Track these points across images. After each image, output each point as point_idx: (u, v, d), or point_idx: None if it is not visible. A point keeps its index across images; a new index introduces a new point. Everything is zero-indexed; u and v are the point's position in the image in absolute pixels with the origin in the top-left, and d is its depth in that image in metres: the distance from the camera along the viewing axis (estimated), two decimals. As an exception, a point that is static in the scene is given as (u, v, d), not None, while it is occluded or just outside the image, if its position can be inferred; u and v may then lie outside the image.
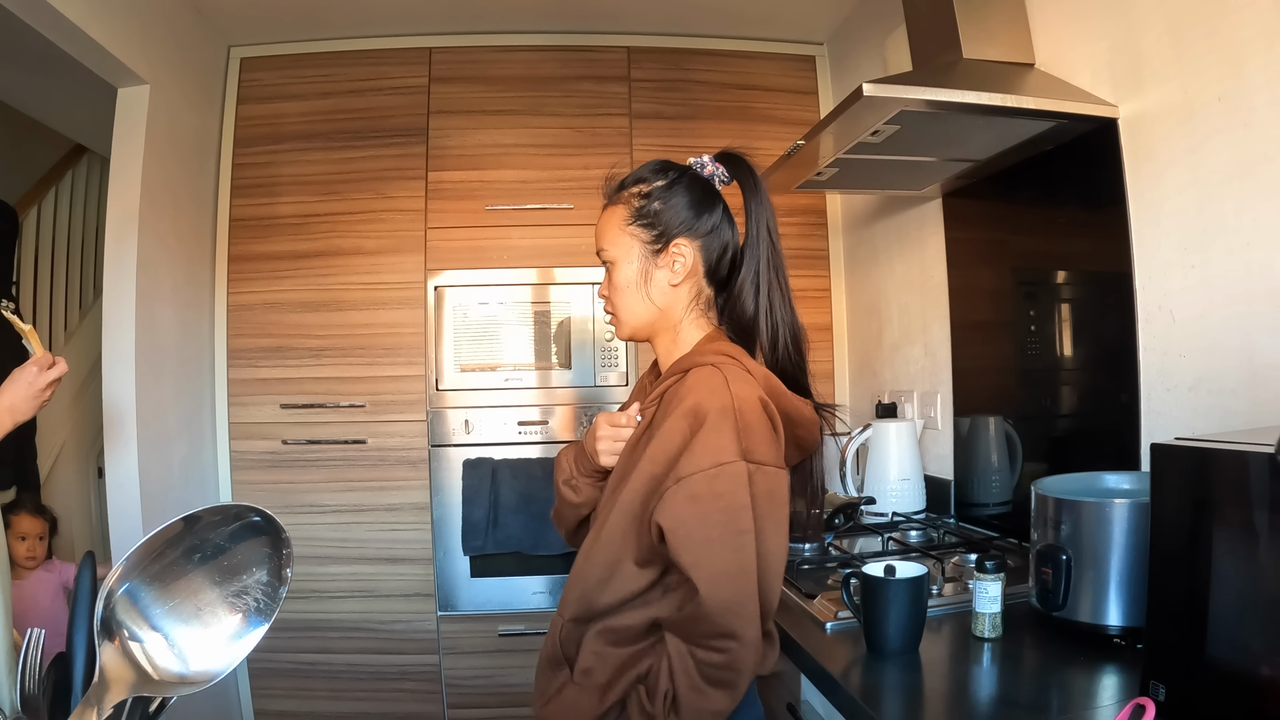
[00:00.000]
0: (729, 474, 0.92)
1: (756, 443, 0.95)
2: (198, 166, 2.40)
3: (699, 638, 0.93)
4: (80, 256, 3.40)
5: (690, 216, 1.07)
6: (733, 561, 0.92)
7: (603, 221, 1.11)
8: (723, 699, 0.93)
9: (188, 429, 2.32)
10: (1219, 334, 1.20)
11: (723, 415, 0.94)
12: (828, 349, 2.61)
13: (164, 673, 0.62)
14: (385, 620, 2.42)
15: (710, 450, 0.93)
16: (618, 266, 1.08)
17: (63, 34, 1.80)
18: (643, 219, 1.07)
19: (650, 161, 1.13)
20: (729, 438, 0.93)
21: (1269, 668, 0.71)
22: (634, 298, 1.08)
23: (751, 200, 1.08)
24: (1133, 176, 1.36)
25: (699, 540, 0.92)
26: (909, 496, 1.96)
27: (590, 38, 2.56)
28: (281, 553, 0.67)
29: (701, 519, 0.92)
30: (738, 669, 0.92)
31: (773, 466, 0.96)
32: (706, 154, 1.13)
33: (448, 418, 2.45)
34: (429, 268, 2.47)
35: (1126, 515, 1.02)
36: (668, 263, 1.07)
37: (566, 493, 1.14)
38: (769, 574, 0.95)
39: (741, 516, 0.92)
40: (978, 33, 1.52)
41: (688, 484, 0.93)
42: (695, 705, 0.92)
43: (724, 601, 0.91)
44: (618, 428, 1.08)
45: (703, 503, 0.92)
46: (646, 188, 1.09)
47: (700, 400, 0.95)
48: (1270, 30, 1.08)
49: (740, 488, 0.93)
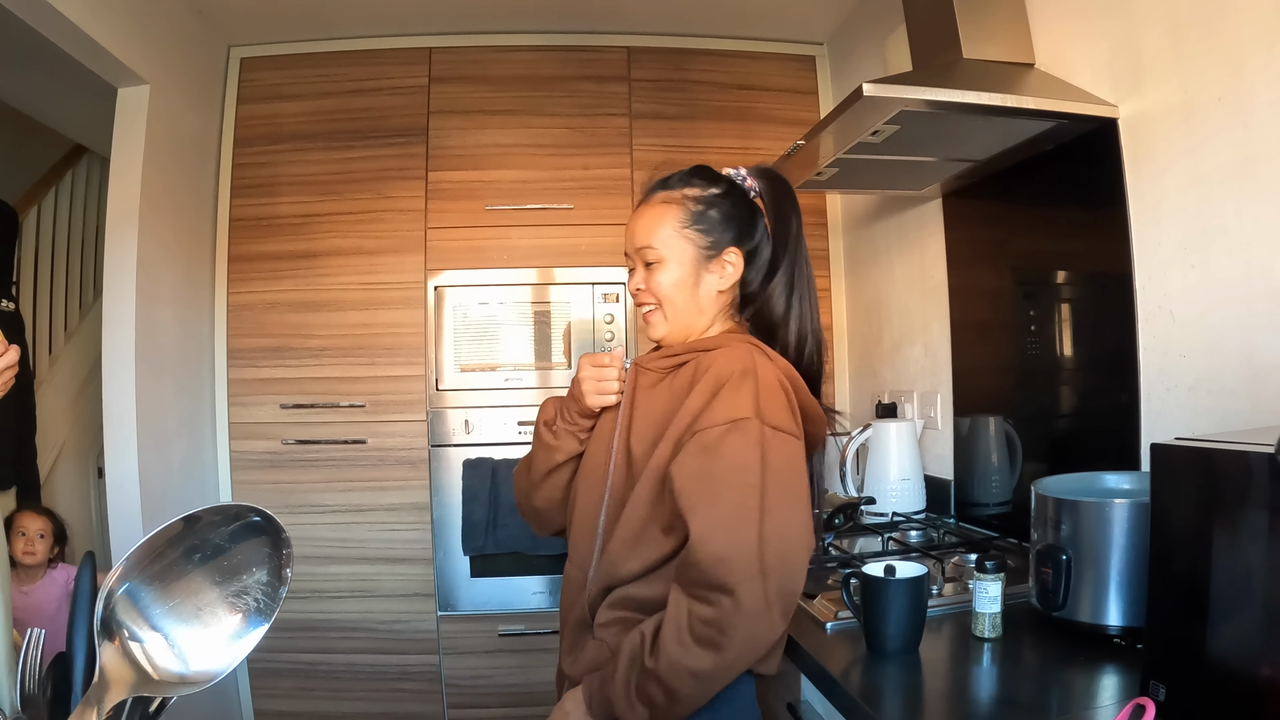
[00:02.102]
0: (742, 429, 0.95)
1: (774, 409, 0.98)
2: (198, 166, 2.40)
3: (692, 586, 0.93)
4: (80, 256, 3.40)
5: (743, 228, 1.11)
6: (730, 513, 0.92)
7: (649, 219, 1.12)
8: (704, 658, 0.90)
9: (188, 429, 2.32)
10: (1219, 334, 1.20)
11: (743, 377, 0.98)
12: (828, 349, 2.60)
13: (164, 673, 0.62)
14: (385, 620, 2.42)
15: (727, 408, 0.96)
16: (665, 266, 1.10)
17: (63, 34, 1.80)
18: (700, 224, 1.09)
19: (694, 166, 1.16)
20: (747, 398, 0.97)
21: (1269, 668, 0.71)
22: (684, 300, 1.10)
23: (792, 214, 1.12)
24: (1133, 176, 1.36)
25: (700, 487, 0.94)
26: (909, 496, 1.96)
27: (590, 38, 2.56)
28: (281, 553, 0.67)
29: (706, 468, 0.95)
30: (725, 629, 0.90)
31: (789, 434, 0.97)
32: (743, 167, 1.15)
33: (448, 418, 2.45)
34: (429, 268, 2.47)
35: (1126, 515, 1.02)
36: (718, 269, 1.10)
37: (545, 434, 1.16)
38: (788, 550, 0.93)
39: (747, 473, 0.93)
40: (978, 33, 1.52)
41: (701, 436, 0.96)
42: (674, 656, 0.91)
43: (715, 551, 0.90)
44: (601, 367, 1.11)
45: (711, 453, 0.95)
46: (701, 193, 1.11)
47: (723, 366, 1.00)
48: (1270, 30, 1.08)
49: (751, 445, 0.95)
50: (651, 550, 1.01)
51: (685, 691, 0.92)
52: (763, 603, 0.90)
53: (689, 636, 0.91)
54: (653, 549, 1.01)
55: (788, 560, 0.93)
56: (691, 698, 0.93)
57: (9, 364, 0.82)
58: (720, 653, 0.91)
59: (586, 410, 1.13)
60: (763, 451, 0.95)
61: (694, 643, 0.91)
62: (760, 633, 0.92)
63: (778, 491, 0.94)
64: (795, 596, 0.94)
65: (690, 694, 0.93)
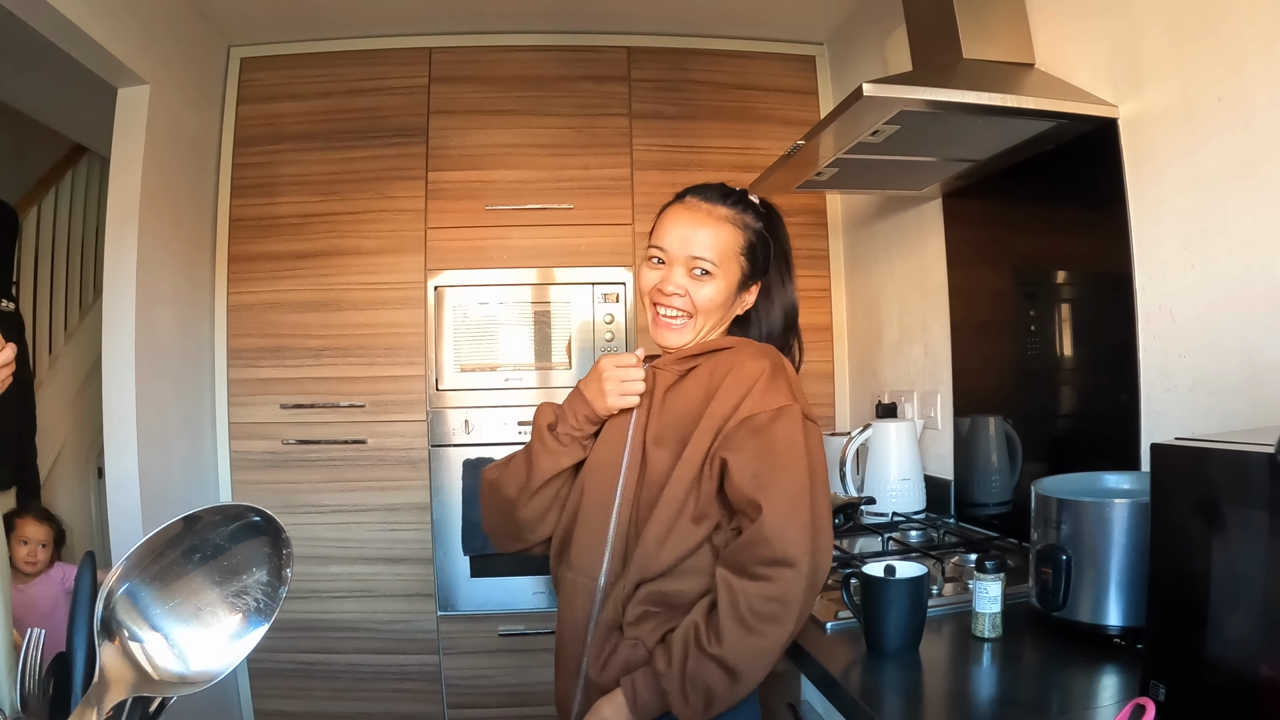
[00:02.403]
0: (788, 414, 1.03)
1: (804, 397, 1.07)
2: (198, 166, 2.40)
3: (752, 565, 0.96)
4: (80, 256, 3.40)
5: (768, 268, 1.20)
6: (792, 490, 0.99)
7: (713, 232, 1.13)
8: (769, 634, 0.95)
9: (188, 429, 2.32)
10: (1219, 334, 1.20)
11: (776, 371, 1.07)
12: (828, 349, 2.61)
13: (164, 673, 0.62)
14: (385, 620, 2.42)
15: (769, 396, 1.04)
16: (715, 283, 1.13)
17: (63, 34, 1.80)
18: (750, 254, 1.16)
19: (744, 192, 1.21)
20: (784, 388, 1.05)
21: (1269, 668, 0.71)
22: (718, 318, 1.16)
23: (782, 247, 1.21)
24: (1133, 176, 1.36)
25: (765, 466, 1.00)
26: (909, 496, 1.96)
27: (590, 38, 2.56)
28: (281, 553, 0.67)
29: (764, 448, 1.01)
30: (787, 600, 0.95)
31: (813, 423, 1.06)
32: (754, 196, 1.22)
33: (448, 418, 2.45)
34: (429, 268, 2.47)
35: (1126, 515, 1.02)
36: (745, 298, 1.18)
37: (549, 439, 1.14)
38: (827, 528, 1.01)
39: (799, 453, 1.01)
40: (978, 33, 1.52)
41: (750, 422, 1.03)
42: (738, 638, 0.94)
43: (782, 523, 0.96)
44: (627, 368, 1.11)
45: (765, 435, 1.01)
46: (755, 224, 1.17)
47: (752, 364, 1.07)
48: (1270, 30, 1.08)
49: (798, 428, 1.03)
50: (681, 542, 1.04)
51: (750, 672, 0.96)
52: (813, 576, 0.97)
53: (752, 617, 0.94)
54: (682, 540, 1.04)
55: (828, 537, 1.02)
56: (753, 679, 0.97)
57: (5, 361, 0.81)
58: (783, 626, 0.96)
59: (596, 415, 1.12)
60: (805, 436, 1.03)
61: (759, 621, 0.94)
62: (809, 605, 0.98)
63: (820, 474, 1.03)
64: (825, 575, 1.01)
65: (754, 674, 0.97)
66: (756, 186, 1.88)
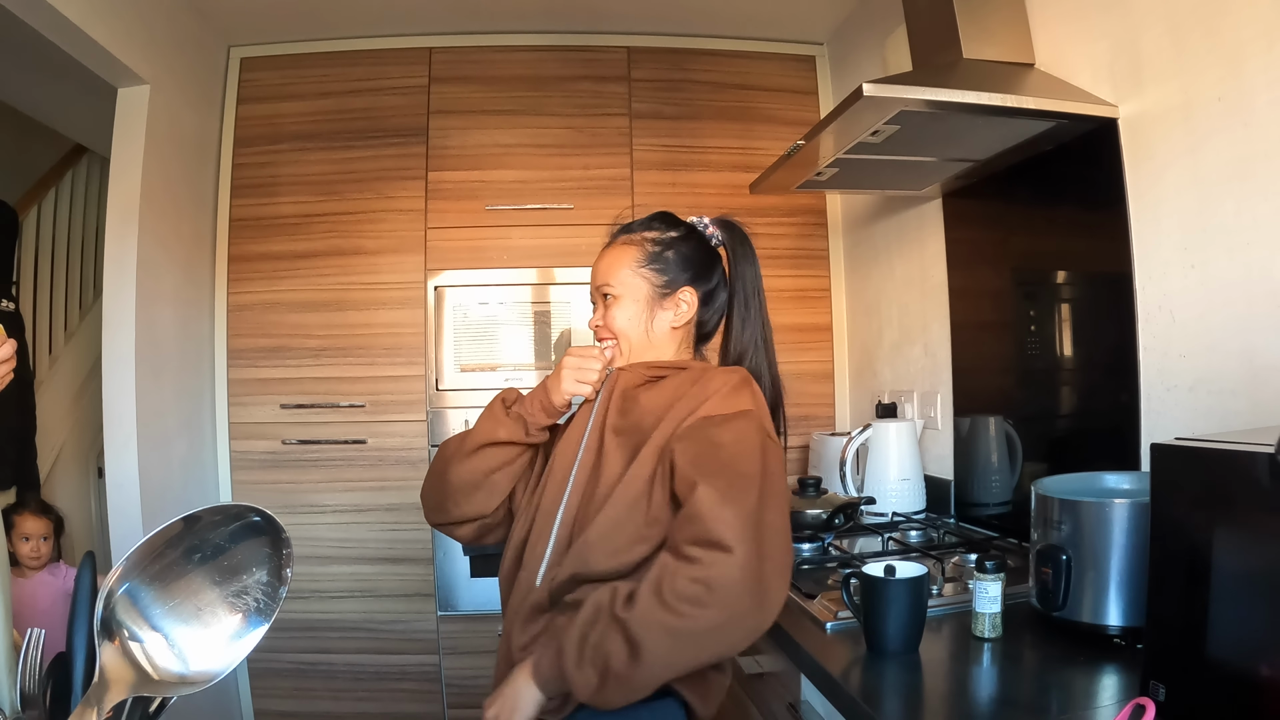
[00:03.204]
0: (746, 418, 1.01)
1: (767, 417, 1.05)
2: (198, 166, 2.40)
3: (683, 544, 0.92)
4: (80, 256, 3.40)
5: (698, 270, 1.18)
6: (735, 481, 0.95)
7: (609, 259, 1.17)
8: (683, 616, 0.88)
9: (188, 429, 2.32)
10: (1219, 334, 1.20)
11: (744, 384, 1.06)
12: (828, 349, 2.61)
13: (164, 673, 0.62)
14: (385, 620, 2.42)
15: (730, 401, 1.03)
16: (621, 303, 1.16)
17: (63, 34, 1.80)
18: (655, 263, 1.16)
19: (658, 212, 1.22)
20: (749, 399, 1.04)
21: (1269, 668, 0.71)
22: (638, 335, 1.16)
23: (741, 263, 1.19)
24: (1133, 176, 1.36)
25: (705, 451, 0.98)
26: (909, 496, 1.96)
27: (590, 38, 2.56)
28: (281, 553, 0.67)
29: (712, 440, 0.99)
30: (713, 585, 0.89)
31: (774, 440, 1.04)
32: (706, 215, 1.22)
33: (448, 418, 2.45)
34: (429, 268, 2.47)
35: (1126, 515, 1.02)
36: (672, 306, 1.16)
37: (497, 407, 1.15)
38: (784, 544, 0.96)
39: (750, 451, 0.99)
40: (978, 33, 1.52)
41: (707, 421, 1.02)
42: (650, 608, 0.89)
43: (717, 502, 0.92)
44: (585, 356, 1.12)
45: (718, 430, 1.00)
46: (660, 235, 1.17)
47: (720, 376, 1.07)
48: (1270, 30, 1.08)
49: (753, 432, 1.00)
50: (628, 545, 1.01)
51: (654, 651, 0.89)
52: (755, 577, 0.91)
53: (671, 594, 0.89)
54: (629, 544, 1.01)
55: (785, 554, 0.96)
56: (656, 662, 0.90)
57: (6, 357, 0.81)
58: (704, 611, 0.89)
59: (550, 404, 1.12)
60: (762, 444, 1.00)
61: (677, 600, 0.89)
62: (744, 610, 0.91)
63: (774, 486, 0.98)
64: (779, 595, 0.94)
65: (657, 656, 0.89)
66: (756, 186, 1.88)
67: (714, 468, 0.96)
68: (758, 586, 0.91)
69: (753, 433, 1.00)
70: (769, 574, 0.93)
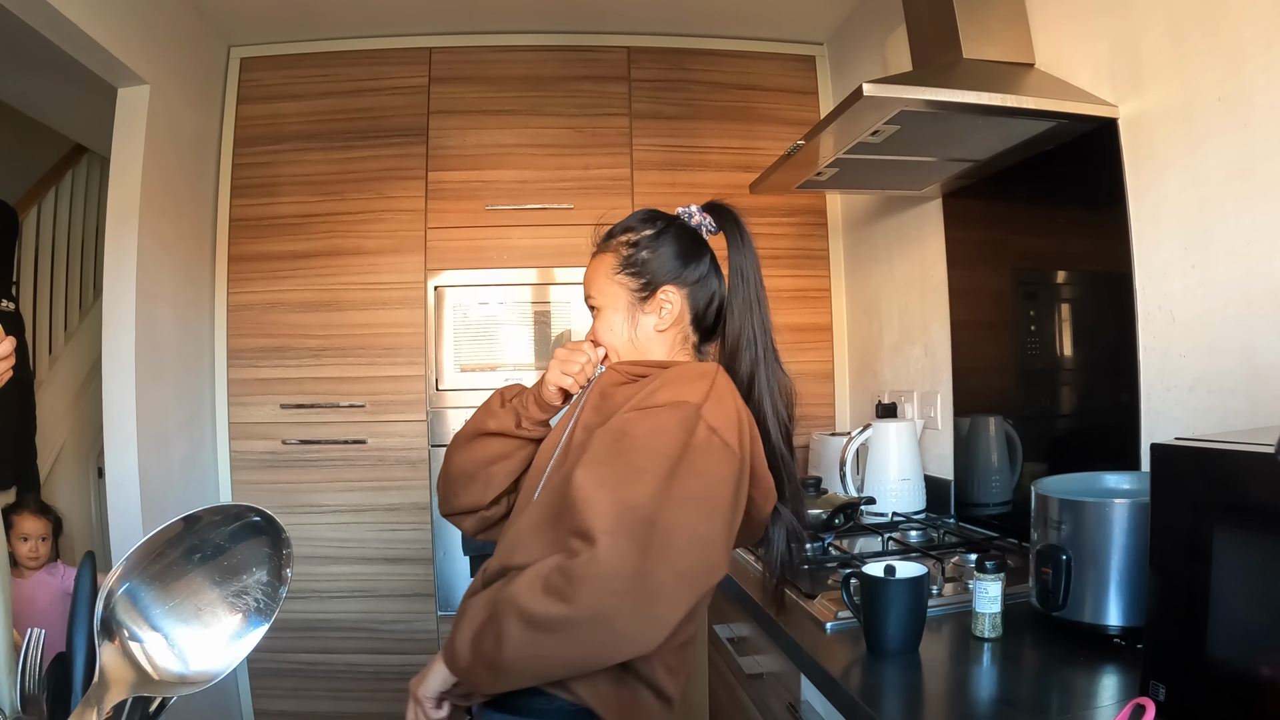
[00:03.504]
0: (678, 408, 0.91)
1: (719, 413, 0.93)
2: (198, 166, 2.40)
3: (565, 537, 0.87)
4: (80, 256, 3.40)
5: (677, 265, 1.10)
6: (625, 470, 0.87)
7: (591, 269, 1.15)
8: (539, 603, 0.82)
9: (188, 429, 2.32)
10: (1219, 334, 1.20)
11: (700, 376, 0.97)
12: (828, 349, 2.61)
13: (164, 673, 0.62)
14: (385, 620, 2.42)
15: (670, 392, 0.94)
16: (603, 314, 1.12)
17: (63, 34, 1.80)
18: (630, 267, 1.10)
19: (638, 211, 1.17)
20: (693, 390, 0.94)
21: (1269, 668, 0.71)
22: (623, 344, 1.11)
23: (735, 253, 1.09)
24: (1133, 176, 1.36)
25: (608, 443, 0.91)
26: (909, 496, 1.96)
27: (590, 38, 2.56)
28: (281, 553, 0.68)
29: (623, 431, 0.91)
30: (571, 577, 0.81)
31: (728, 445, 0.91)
32: (694, 204, 1.15)
33: (448, 418, 2.45)
34: (429, 268, 2.47)
35: (1126, 515, 1.02)
36: (654, 309, 1.10)
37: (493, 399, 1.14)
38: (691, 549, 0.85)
39: (655, 451, 0.88)
40: (978, 33, 1.52)
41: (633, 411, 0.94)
42: (514, 593, 0.85)
43: (590, 495, 0.84)
44: (573, 349, 1.10)
45: (633, 421, 0.92)
46: (635, 236, 1.12)
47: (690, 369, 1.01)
48: (1270, 30, 1.08)
49: (675, 426, 0.90)
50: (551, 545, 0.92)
51: (511, 634, 0.84)
52: (631, 577, 0.81)
53: (539, 581, 0.84)
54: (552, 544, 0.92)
55: (686, 558, 0.85)
56: (512, 648, 0.84)
57: (4, 354, 0.81)
58: (556, 604, 0.81)
59: (543, 399, 1.11)
60: (690, 438, 0.89)
61: (540, 588, 0.83)
62: (610, 612, 0.81)
63: (695, 483, 0.87)
64: (672, 607, 0.84)
65: (513, 641, 0.84)
66: (756, 186, 1.88)
67: (606, 455, 0.89)
68: (635, 588, 0.81)
69: (674, 425, 0.90)
70: (657, 579, 0.82)
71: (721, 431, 0.91)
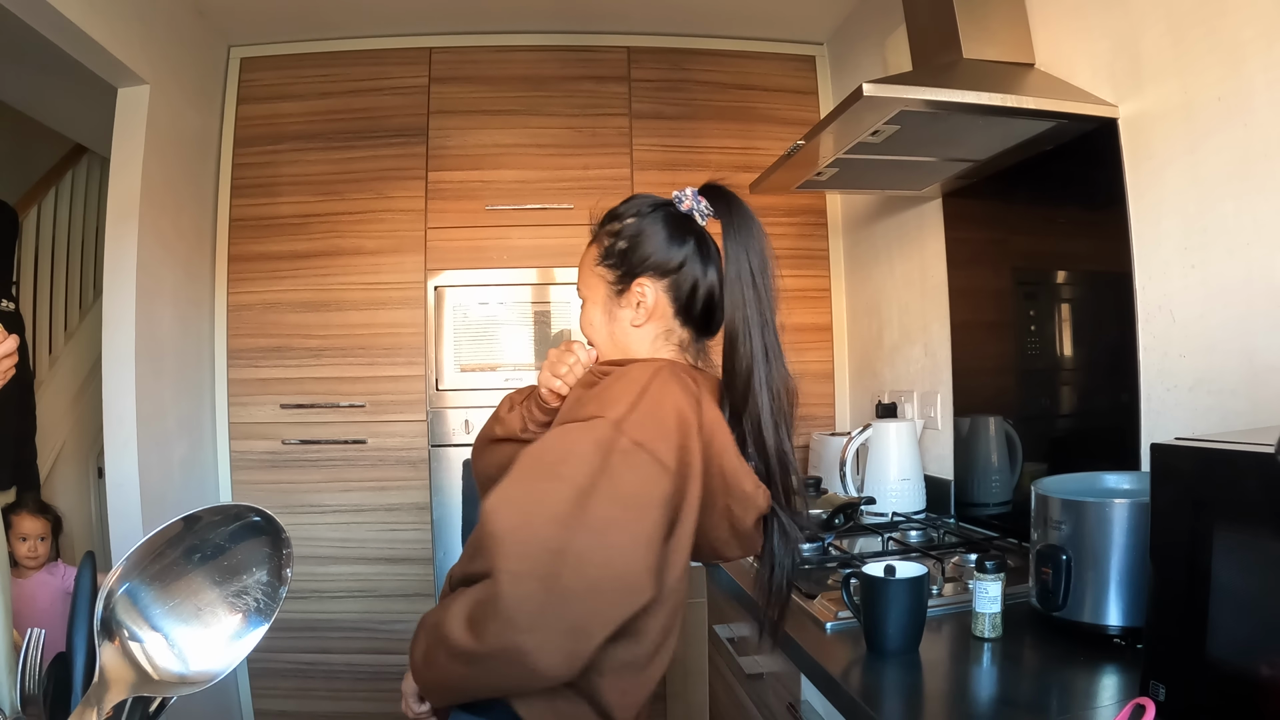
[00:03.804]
0: (590, 426, 0.85)
1: (642, 424, 0.85)
2: (198, 166, 2.40)
3: None
4: (80, 256, 3.40)
5: (654, 255, 1.02)
6: (530, 496, 0.82)
7: (581, 259, 1.11)
8: (459, 633, 0.80)
9: (188, 429, 2.32)
10: (1219, 334, 1.20)
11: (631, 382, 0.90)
12: (828, 349, 2.61)
13: (164, 673, 0.62)
14: (385, 620, 2.41)
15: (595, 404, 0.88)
16: (585, 307, 1.09)
17: (63, 34, 1.80)
18: (609, 259, 1.05)
19: (633, 196, 1.10)
20: (613, 404, 0.87)
21: (1269, 668, 0.71)
22: (602, 339, 1.07)
23: (728, 240, 0.98)
24: (1133, 176, 1.36)
25: (522, 464, 0.86)
26: (909, 496, 1.96)
27: (590, 38, 2.56)
28: (281, 553, 0.68)
29: (532, 451, 0.87)
30: (484, 616, 0.79)
31: (652, 456, 0.84)
32: (690, 187, 1.06)
33: (448, 418, 2.45)
34: (429, 268, 2.47)
35: (1126, 515, 1.02)
36: (630, 303, 1.04)
37: (503, 403, 1.13)
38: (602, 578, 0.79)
39: (572, 467, 0.82)
40: (978, 33, 1.52)
41: (557, 425, 0.91)
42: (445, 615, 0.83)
43: (494, 527, 0.80)
44: (564, 351, 1.07)
45: (547, 443, 0.87)
46: (618, 226, 1.06)
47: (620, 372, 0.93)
48: (1270, 30, 1.08)
49: (590, 443, 0.84)
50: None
51: (439, 662, 0.84)
52: (536, 614, 0.76)
53: (464, 611, 0.81)
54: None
55: (599, 590, 0.79)
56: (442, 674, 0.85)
57: (7, 352, 0.82)
58: (472, 640, 0.79)
59: (542, 401, 1.09)
60: (605, 458, 0.82)
61: (463, 619, 0.81)
62: (520, 648, 0.77)
63: (610, 507, 0.81)
64: (588, 640, 0.79)
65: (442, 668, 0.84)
66: (756, 187, 1.88)
67: (519, 475, 0.85)
68: (541, 625, 0.77)
69: (587, 445, 0.83)
70: (564, 613, 0.77)
71: (649, 445, 0.84)
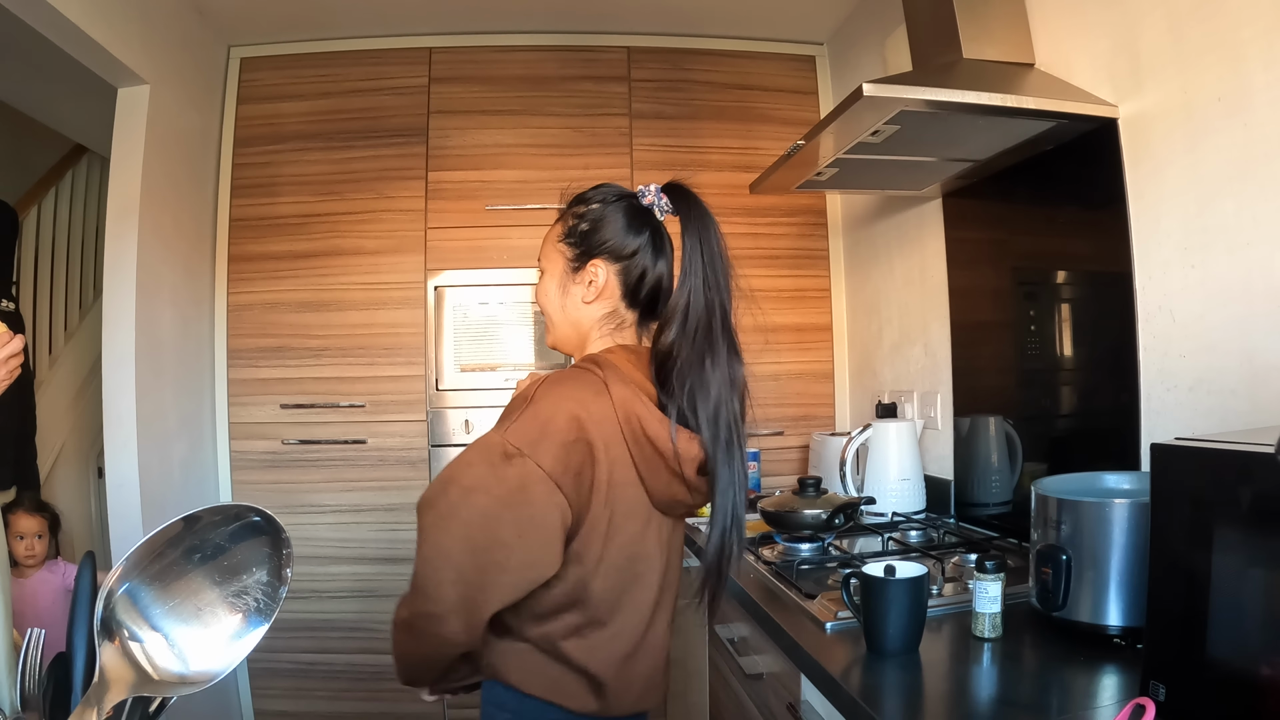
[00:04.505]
0: (479, 447, 0.98)
1: (523, 431, 0.97)
2: (198, 166, 2.40)
3: None
4: (80, 256, 3.40)
5: (611, 240, 1.10)
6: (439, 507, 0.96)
7: (546, 234, 1.17)
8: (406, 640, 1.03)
9: (188, 429, 2.32)
10: (1219, 334, 1.20)
11: (539, 397, 1.00)
12: (828, 349, 2.61)
13: (164, 673, 0.62)
14: (385, 620, 2.37)
15: (501, 423, 1.01)
16: (543, 279, 1.15)
17: (63, 34, 1.80)
18: (570, 238, 1.12)
19: (602, 184, 1.16)
20: (519, 415, 0.99)
21: (1269, 668, 0.71)
22: (554, 310, 1.14)
23: (686, 234, 1.05)
24: (1132, 176, 1.36)
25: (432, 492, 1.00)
26: (909, 496, 1.96)
27: (590, 38, 2.56)
28: (281, 553, 0.68)
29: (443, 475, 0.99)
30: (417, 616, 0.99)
31: (528, 458, 0.95)
32: (654, 184, 1.13)
33: (448, 418, 2.45)
34: (429, 268, 2.47)
35: (1126, 515, 1.02)
36: (583, 280, 1.11)
37: None
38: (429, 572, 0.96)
39: (461, 473, 0.97)
40: (978, 33, 1.52)
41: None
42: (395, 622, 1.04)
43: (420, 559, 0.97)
44: None
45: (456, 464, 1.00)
46: (583, 209, 1.13)
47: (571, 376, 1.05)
48: (1270, 29, 1.08)
49: (479, 467, 0.96)
50: None
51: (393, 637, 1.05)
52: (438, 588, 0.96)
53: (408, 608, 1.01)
54: None
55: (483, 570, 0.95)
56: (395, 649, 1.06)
57: (14, 352, 0.82)
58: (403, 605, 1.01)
59: None
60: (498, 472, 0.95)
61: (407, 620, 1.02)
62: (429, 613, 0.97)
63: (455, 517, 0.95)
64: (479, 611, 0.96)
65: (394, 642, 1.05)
66: (756, 187, 1.88)
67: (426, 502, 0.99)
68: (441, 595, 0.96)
69: (471, 459, 0.97)
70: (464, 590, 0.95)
71: (522, 446, 0.96)
